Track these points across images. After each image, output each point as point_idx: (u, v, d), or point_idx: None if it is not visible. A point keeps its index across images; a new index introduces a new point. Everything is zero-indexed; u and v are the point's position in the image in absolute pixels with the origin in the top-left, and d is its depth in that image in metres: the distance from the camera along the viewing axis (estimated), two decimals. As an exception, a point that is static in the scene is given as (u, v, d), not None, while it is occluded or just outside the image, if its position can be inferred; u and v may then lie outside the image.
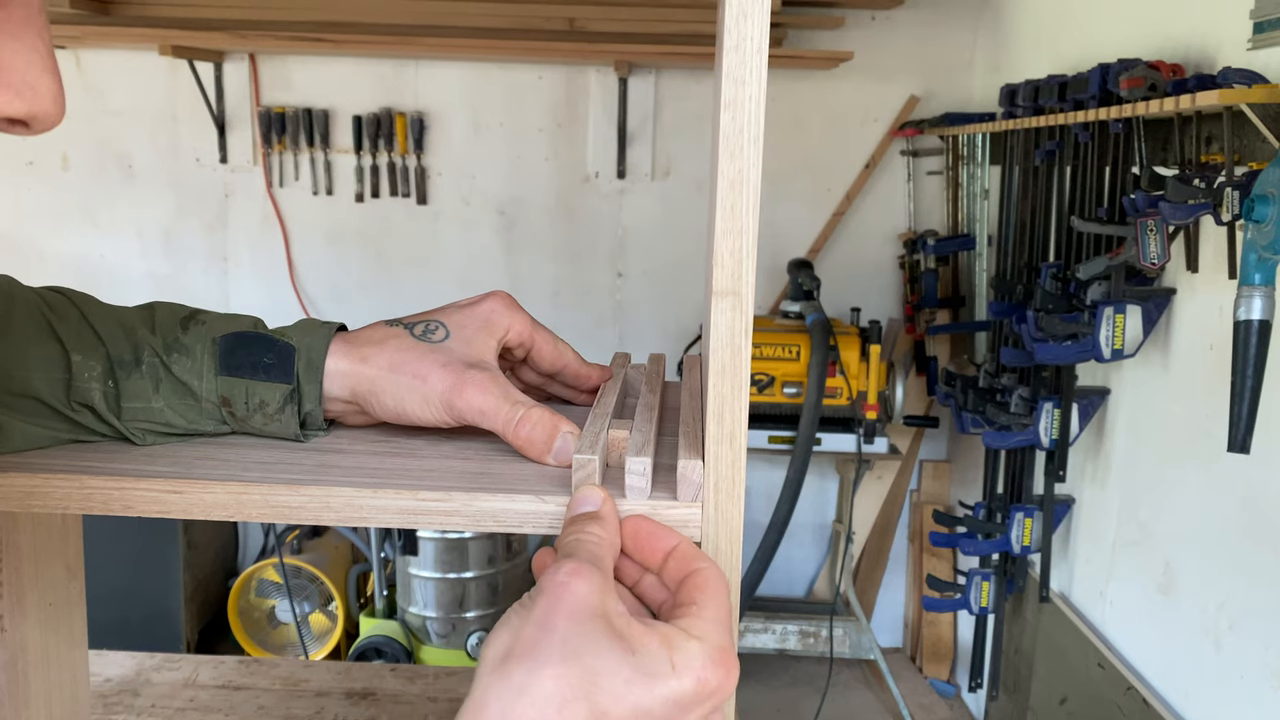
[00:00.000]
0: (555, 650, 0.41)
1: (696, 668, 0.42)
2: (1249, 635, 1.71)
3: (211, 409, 0.59)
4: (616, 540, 0.48)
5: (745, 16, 0.43)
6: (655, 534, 0.49)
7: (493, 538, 2.98)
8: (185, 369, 0.59)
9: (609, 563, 0.46)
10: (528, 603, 0.43)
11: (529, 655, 0.41)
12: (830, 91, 3.19)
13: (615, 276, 3.32)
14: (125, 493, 0.52)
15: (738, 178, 0.45)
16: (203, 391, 0.59)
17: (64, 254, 3.32)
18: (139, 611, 3.02)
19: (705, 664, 0.42)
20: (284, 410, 0.59)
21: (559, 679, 0.40)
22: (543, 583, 0.44)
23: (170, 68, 3.19)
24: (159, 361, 0.59)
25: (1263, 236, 1.41)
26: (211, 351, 0.59)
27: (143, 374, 0.59)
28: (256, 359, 0.59)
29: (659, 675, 0.42)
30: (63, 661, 0.81)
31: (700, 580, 0.46)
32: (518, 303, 0.65)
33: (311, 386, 0.59)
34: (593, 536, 0.46)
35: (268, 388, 0.58)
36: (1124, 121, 1.93)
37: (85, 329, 0.60)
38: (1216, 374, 1.78)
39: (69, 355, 0.58)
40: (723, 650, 0.43)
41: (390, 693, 1.39)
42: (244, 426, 0.60)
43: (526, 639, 0.41)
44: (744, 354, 0.47)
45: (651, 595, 0.49)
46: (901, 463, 3.24)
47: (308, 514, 0.50)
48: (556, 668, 0.40)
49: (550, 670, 0.40)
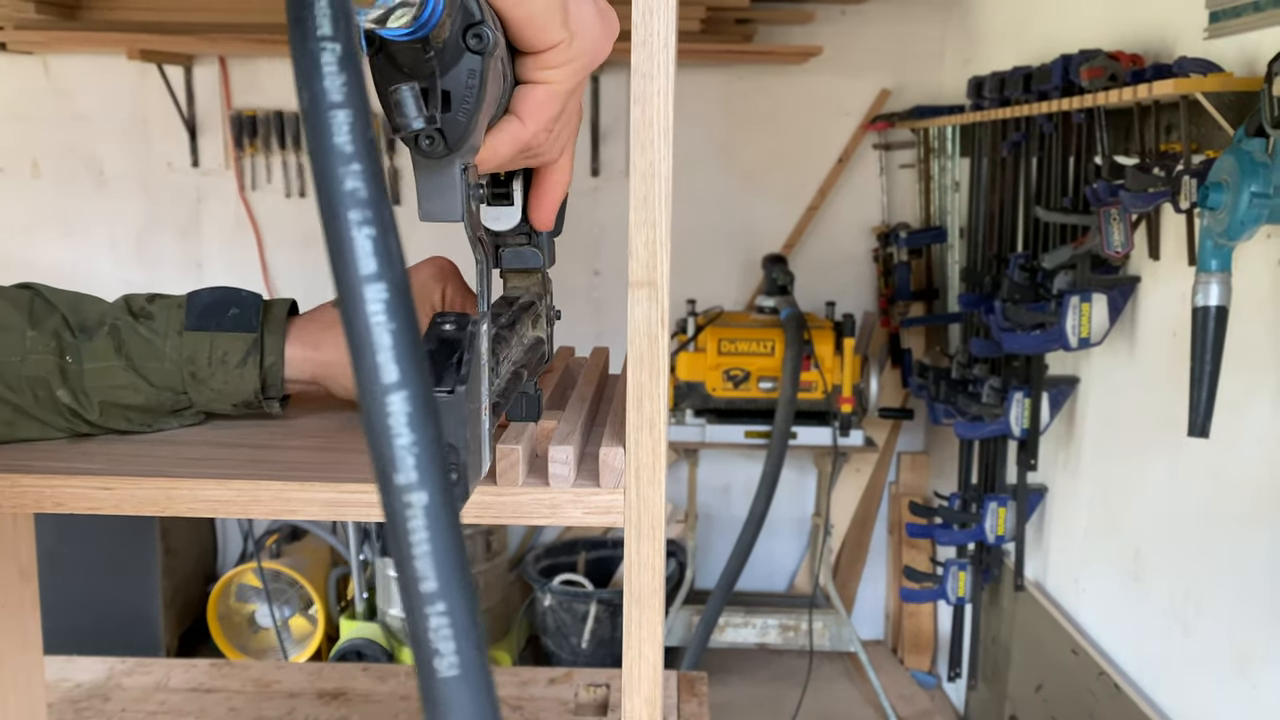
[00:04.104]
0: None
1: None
2: (1214, 620, 1.72)
3: (173, 370, 0.60)
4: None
5: (651, 13, 0.44)
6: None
7: (472, 538, 2.98)
8: (150, 329, 0.61)
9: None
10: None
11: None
12: (802, 86, 3.20)
13: (592, 275, 3.32)
14: (56, 490, 0.52)
15: (649, 170, 0.46)
16: (167, 349, 0.60)
17: (35, 262, 3.30)
18: (116, 618, 3.00)
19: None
20: (245, 363, 0.60)
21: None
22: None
23: (139, 72, 3.18)
24: (124, 324, 0.61)
25: (1218, 223, 1.43)
26: (178, 315, 0.61)
27: (104, 335, 0.60)
28: (222, 312, 0.61)
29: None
30: (16, 666, 0.81)
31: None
32: (454, 269, 0.66)
33: (274, 338, 0.61)
34: None
35: (231, 338, 0.60)
36: (1086, 112, 1.95)
37: (40, 303, 0.61)
38: (1180, 361, 1.79)
39: (25, 332, 0.59)
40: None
41: (362, 692, 1.39)
42: (203, 394, 0.61)
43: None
44: (661, 342, 0.48)
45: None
46: (879, 455, 3.26)
47: (236, 508, 0.51)
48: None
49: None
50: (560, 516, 0.50)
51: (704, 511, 3.35)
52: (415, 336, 0.21)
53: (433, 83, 0.41)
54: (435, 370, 0.41)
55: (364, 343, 0.21)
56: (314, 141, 0.21)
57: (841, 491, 3.26)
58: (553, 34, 0.45)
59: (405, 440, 0.21)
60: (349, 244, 0.20)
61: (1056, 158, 2.13)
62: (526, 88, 0.47)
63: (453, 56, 0.40)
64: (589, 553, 3.21)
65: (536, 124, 0.48)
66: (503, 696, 1.31)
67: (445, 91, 0.41)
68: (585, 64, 0.48)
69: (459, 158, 0.43)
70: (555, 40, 0.46)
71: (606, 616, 2.90)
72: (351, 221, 0.20)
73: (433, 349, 0.42)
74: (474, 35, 0.40)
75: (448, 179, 0.43)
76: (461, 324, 0.43)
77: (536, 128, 0.48)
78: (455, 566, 0.21)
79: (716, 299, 3.19)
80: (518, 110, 0.48)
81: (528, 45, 0.46)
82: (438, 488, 0.21)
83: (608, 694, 1.26)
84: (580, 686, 1.29)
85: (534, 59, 0.47)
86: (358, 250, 0.20)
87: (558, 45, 0.46)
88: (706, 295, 3.15)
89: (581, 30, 0.47)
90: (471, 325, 0.43)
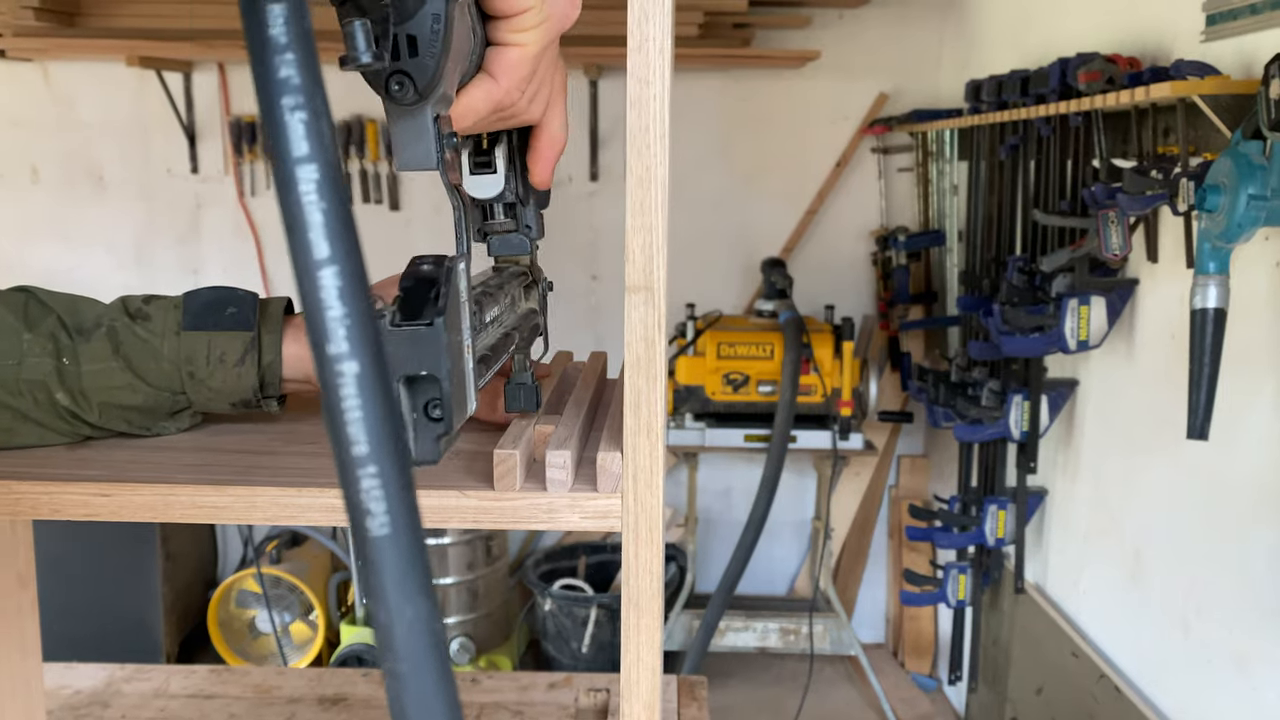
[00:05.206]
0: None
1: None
2: (1214, 621, 1.72)
3: (171, 370, 0.60)
4: None
5: (647, 18, 0.44)
6: None
7: (472, 543, 2.98)
8: (148, 330, 0.61)
9: None
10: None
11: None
12: (800, 90, 3.20)
13: (590, 279, 3.32)
14: (54, 496, 0.52)
15: (645, 174, 0.46)
16: (165, 350, 0.60)
17: (33, 268, 3.30)
18: (117, 624, 3.00)
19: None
20: (244, 361, 0.60)
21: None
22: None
23: (139, 78, 3.18)
24: (121, 326, 0.61)
25: (1215, 225, 1.43)
26: (175, 315, 0.61)
27: (102, 336, 0.60)
28: (220, 311, 0.61)
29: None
30: (13, 672, 0.81)
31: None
32: None
33: (272, 336, 0.61)
34: None
35: (229, 338, 0.60)
36: (1083, 115, 1.95)
37: (36, 306, 0.61)
38: (1179, 363, 1.79)
39: (21, 335, 0.59)
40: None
41: (362, 698, 1.39)
42: (202, 394, 0.61)
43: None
44: (658, 347, 0.48)
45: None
46: (879, 458, 3.26)
47: (234, 514, 0.51)
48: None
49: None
50: (558, 521, 0.50)
51: (704, 515, 3.35)
52: (346, 214, 0.22)
53: (385, 27, 0.41)
54: (414, 304, 0.42)
55: (297, 221, 0.21)
56: (250, 33, 0.21)
57: (841, 495, 3.26)
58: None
59: (336, 313, 0.21)
60: (283, 128, 0.21)
61: (1054, 161, 2.13)
62: (498, 49, 0.50)
63: (416, 2, 0.41)
64: (589, 557, 3.21)
65: (509, 82, 0.50)
66: (503, 701, 1.31)
67: (411, 36, 0.41)
68: (554, 27, 0.51)
69: (431, 106, 0.43)
70: (527, 5, 0.48)
71: (607, 621, 2.89)
72: (285, 107, 0.21)
73: (409, 285, 0.43)
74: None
75: (420, 126, 0.44)
76: (439, 262, 0.44)
77: (509, 85, 0.51)
78: (386, 431, 0.22)
79: (716, 303, 3.19)
80: (490, 69, 0.50)
81: (500, 9, 0.48)
82: (369, 357, 0.22)
83: (608, 699, 1.26)
84: (580, 691, 1.29)
85: (505, 22, 0.49)
86: (290, 134, 0.21)
87: (529, 9, 0.48)
88: (705, 299, 3.15)
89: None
90: (449, 262, 0.44)
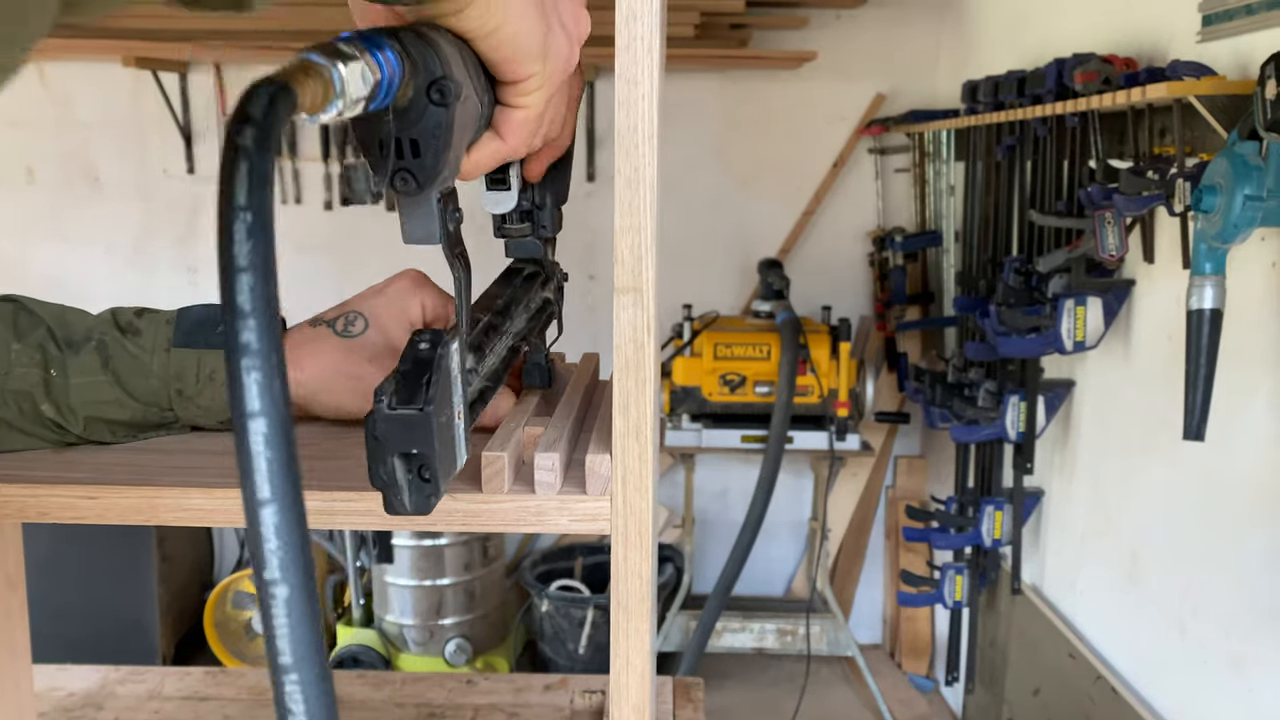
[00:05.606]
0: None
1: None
2: (1211, 621, 1.72)
3: (160, 387, 0.60)
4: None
5: (635, 18, 0.44)
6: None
7: (469, 544, 2.98)
8: (138, 345, 0.61)
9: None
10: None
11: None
12: (797, 91, 3.20)
13: (587, 280, 3.32)
14: (41, 500, 0.52)
15: (634, 175, 0.46)
16: (154, 366, 0.60)
17: (29, 269, 3.29)
18: (113, 625, 3.00)
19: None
20: None
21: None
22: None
23: (135, 79, 3.18)
24: (110, 340, 0.60)
25: (1211, 226, 1.43)
26: (166, 331, 0.61)
27: (91, 350, 0.60)
28: (211, 329, 0.61)
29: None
30: (3, 674, 0.80)
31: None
32: (427, 279, 0.67)
33: None
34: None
35: (219, 356, 0.60)
36: (1080, 115, 1.95)
37: (25, 316, 0.61)
38: (1175, 364, 1.79)
39: (9, 345, 0.59)
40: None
41: (357, 700, 1.39)
42: (190, 411, 0.61)
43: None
44: (647, 349, 0.48)
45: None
46: (875, 459, 3.25)
47: (222, 516, 0.50)
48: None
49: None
50: (546, 524, 0.49)
51: (701, 516, 3.34)
52: (287, 459, 0.27)
53: (389, 137, 0.43)
54: (409, 389, 0.45)
55: (245, 466, 0.27)
56: (224, 297, 0.27)
57: (838, 496, 3.26)
58: (529, 68, 0.49)
59: (272, 545, 0.27)
60: (241, 386, 0.27)
61: (1051, 161, 2.13)
62: (506, 110, 0.51)
63: (418, 112, 0.42)
64: (586, 558, 3.20)
65: (516, 141, 0.52)
66: (498, 703, 1.31)
67: (414, 140, 0.43)
68: (556, 81, 0.52)
69: (434, 190, 0.45)
70: (531, 73, 0.49)
71: (604, 622, 2.89)
72: (244, 367, 0.27)
73: (406, 369, 0.46)
74: (437, 91, 0.42)
75: (425, 209, 0.46)
76: (435, 342, 0.47)
77: (516, 144, 0.52)
78: (308, 645, 0.27)
79: (712, 304, 3.19)
80: (499, 129, 0.51)
81: (506, 77, 0.49)
82: (297, 582, 0.27)
83: (603, 700, 1.25)
84: (575, 693, 1.28)
85: (511, 87, 0.50)
86: (246, 392, 0.27)
87: (532, 75, 0.49)
88: (702, 300, 3.15)
89: (553, 52, 0.50)
90: (441, 347, 0.47)
